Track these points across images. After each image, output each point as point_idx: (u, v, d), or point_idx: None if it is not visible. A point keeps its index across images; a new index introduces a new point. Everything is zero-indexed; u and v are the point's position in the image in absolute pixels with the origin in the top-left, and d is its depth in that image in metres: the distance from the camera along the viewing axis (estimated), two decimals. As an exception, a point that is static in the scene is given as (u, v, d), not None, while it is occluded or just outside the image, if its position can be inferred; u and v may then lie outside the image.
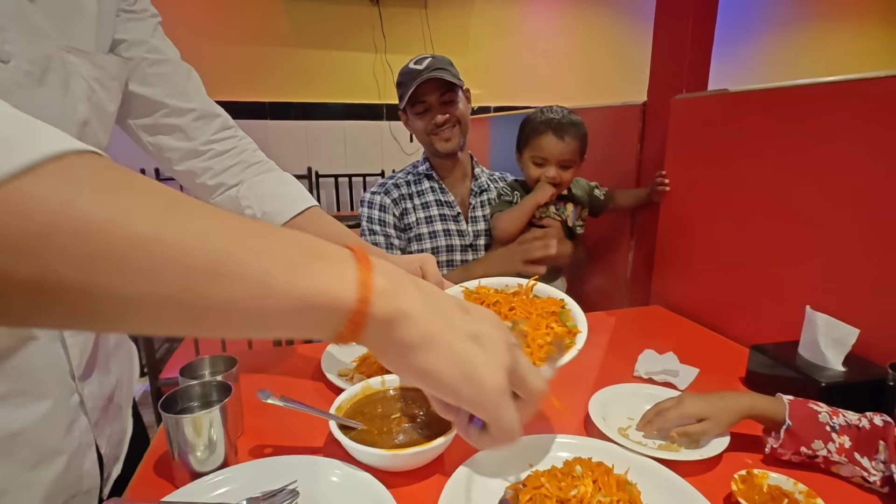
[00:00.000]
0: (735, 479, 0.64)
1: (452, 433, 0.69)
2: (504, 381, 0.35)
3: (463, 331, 0.34)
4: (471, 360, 0.33)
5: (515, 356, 0.37)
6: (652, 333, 1.20)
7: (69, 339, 0.55)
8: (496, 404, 0.34)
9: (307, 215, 0.76)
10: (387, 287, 0.31)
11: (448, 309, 0.35)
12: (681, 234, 1.35)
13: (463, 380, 0.33)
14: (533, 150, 1.31)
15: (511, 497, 0.63)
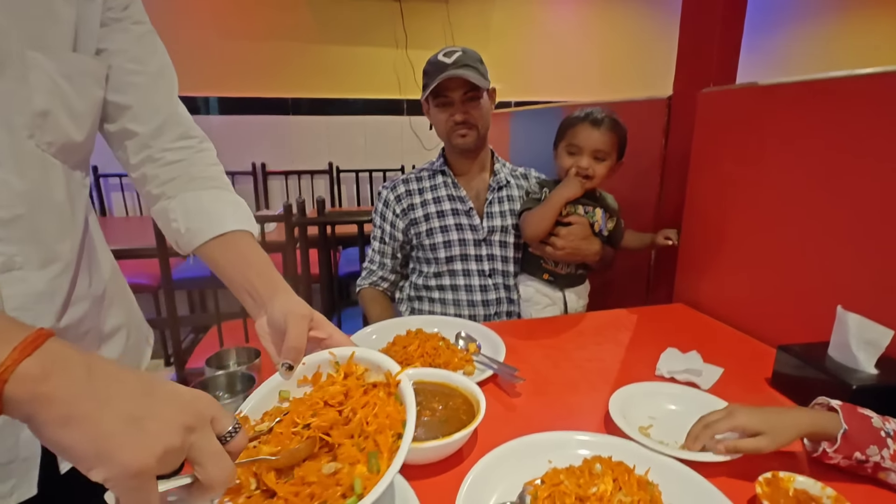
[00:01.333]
0: (760, 481, 0.63)
1: (472, 427, 0.69)
2: (144, 463, 0.35)
3: (122, 412, 0.36)
4: (109, 440, 0.35)
5: (195, 441, 0.38)
6: (674, 332, 1.18)
7: (11, 311, 0.54)
8: (126, 485, 0.35)
9: (230, 240, 0.69)
10: (35, 371, 0.34)
11: (115, 391, 0.37)
12: (706, 231, 1.32)
13: (94, 457, 0.34)
14: (568, 140, 1.28)
15: (529, 493, 0.63)
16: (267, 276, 0.68)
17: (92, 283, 0.68)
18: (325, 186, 3.45)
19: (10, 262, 0.55)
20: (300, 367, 0.61)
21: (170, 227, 0.71)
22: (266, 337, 0.66)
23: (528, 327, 1.22)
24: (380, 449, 0.52)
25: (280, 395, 0.61)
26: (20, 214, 0.55)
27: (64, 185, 0.60)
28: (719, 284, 1.29)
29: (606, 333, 1.17)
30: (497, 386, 0.92)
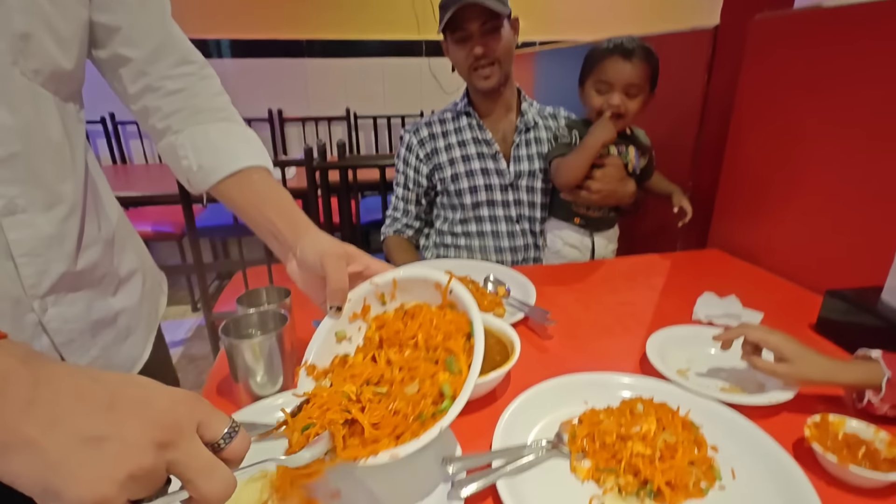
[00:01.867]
0: (808, 424, 0.60)
1: (508, 366, 0.68)
2: (103, 493, 0.29)
3: (74, 434, 0.29)
4: (60, 468, 0.29)
5: (174, 456, 0.32)
6: (710, 277, 1.14)
7: (19, 258, 0.53)
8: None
9: (246, 177, 0.66)
10: None
11: (63, 409, 0.30)
12: (749, 172, 1.25)
13: (41, 493, 0.29)
14: (596, 76, 1.18)
15: (567, 432, 0.62)
16: (288, 215, 0.65)
17: (101, 227, 0.66)
18: (342, 133, 3.38)
19: (12, 205, 0.52)
20: (347, 304, 0.60)
21: (180, 165, 0.67)
22: (299, 280, 0.64)
23: (558, 272, 1.19)
24: (454, 352, 0.53)
25: (337, 336, 0.61)
26: (16, 152, 0.51)
27: (59, 119, 0.56)
28: (760, 229, 1.23)
29: (639, 278, 1.14)
30: (528, 329, 0.91)
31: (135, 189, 2.25)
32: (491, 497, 0.54)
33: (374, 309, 0.63)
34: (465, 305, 0.58)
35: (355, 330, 0.62)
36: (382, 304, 0.64)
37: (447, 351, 0.55)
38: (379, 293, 0.63)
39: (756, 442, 0.60)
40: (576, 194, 1.22)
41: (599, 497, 0.54)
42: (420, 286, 0.62)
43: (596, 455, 0.58)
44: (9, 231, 0.51)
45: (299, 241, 0.62)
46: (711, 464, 0.57)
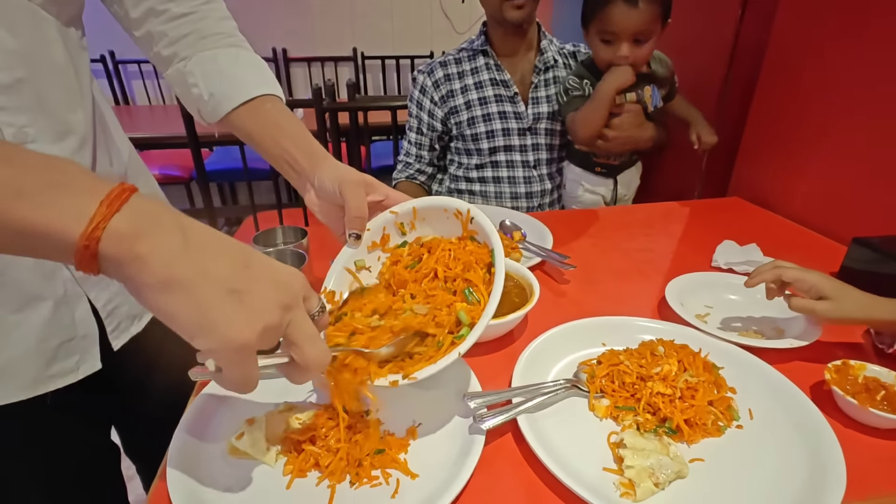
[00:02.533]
0: (829, 367, 0.61)
1: (528, 307, 0.67)
2: (247, 339, 0.34)
3: (222, 283, 0.34)
4: (212, 311, 0.33)
5: (292, 319, 0.37)
6: (731, 225, 1.11)
7: None
8: (228, 359, 0.35)
9: (259, 106, 0.64)
10: (126, 229, 0.31)
11: (213, 260, 0.34)
12: (778, 117, 1.19)
13: (197, 328, 0.33)
14: (600, 24, 1.08)
15: (585, 372, 0.62)
16: (305, 144, 0.63)
17: (113, 161, 0.65)
18: (349, 74, 3.26)
19: (22, 135, 0.51)
20: (367, 233, 0.61)
21: (190, 94, 0.65)
22: (318, 210, 0.63)
23: (575, 217, 1.17)
24: (473, 283, 0.54)
25: (356, 265, 0.62)
26: (21, 78, 0.50)
27: (61, 44, 0.54)
28: (784, 177, 1.19)
29: (657, 225, 1.12)
30: (545, 273, 0.90)
31: (139, 131, 2.20)
32: (510, 432, 0.56)
33: (394, 238, 0.63)
34: (485, 233, 0.57)
35: (374, 259, 0.62)
36: (402, 234, 0.63)
37: (466, 282, 0.55)
38: (398, 222, 0.63)
39: (774, 384, 0.61)
40: (593, 146, 1.17)
41: (618, 433, 0.55)
42: (440, 215, 0.61)
43: (615, 394, 0.58)
44: None
45: (317, 171, 0.61)
46: (730, 404, 0.57)
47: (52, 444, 0.65)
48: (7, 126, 0.50)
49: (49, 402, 0.60)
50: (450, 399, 0.58)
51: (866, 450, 0.54)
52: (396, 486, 0.48)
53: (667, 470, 0.49)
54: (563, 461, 0.50)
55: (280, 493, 0.48)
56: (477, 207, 0.59)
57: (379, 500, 0.47)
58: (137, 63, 2.97)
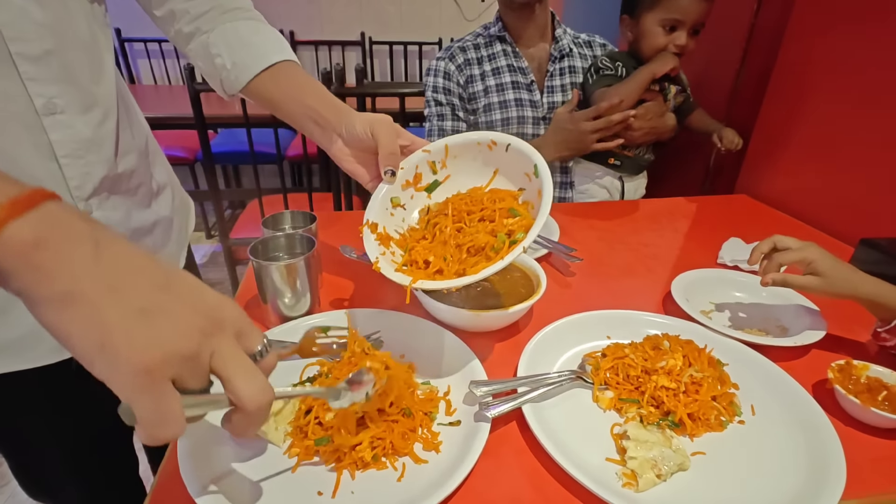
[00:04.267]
0: (832, 367, 0.61)
1: (534, 299, 0.68)
2: (151, 361, 0.29)
3: (131, 302, 0.30)
4: (114, 331, 0.29)
5: (216, 349, 0.32)
6: (737, 222, 1.11)
7: (62, 159, 0.55)
8: (132, 387, 0.29)
9: (280, 70, 0.67)
10: (25, 236, 0.28)
11: (125, 278, 0.30)
12: (788, 117, 1.19)
13: (96, 350, 0.29)
14: (666, 10, 1.08)
15: (590, 363, 0.63)
16: (328, 100, 0.67)
17: (134, 135, 0.68)
18: (357, 59, 3.23)
19: (51, 105, 0.54)
20: (399, 171, 0.64)
21: (213, 64, 0.68)
22: (347, 158, 0.67)
23: (582, 210, 1.17)
24: (513, 206, 0.58)
25: (392, 202, 0.65)
26: (50, 50, 0.53)
27: (85, 18, 0.58)
28: (793, 176, 1.19)
29: (663, 220, 1.12)
30: (551, 265, 0.90)
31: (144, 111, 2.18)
32: (515, 420, 0.56)
33: (426, 177, 0.67)
34: (526, 153, 0.61)
35: (408, 198, 0.67)
36: (434, 173, 0.67)
37: (504, 211, 0.59)
38: (430, 161, 0.66)
39: (777, 381, 0.61)
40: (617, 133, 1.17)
41: (621, 425, 0.55)
42: (472, 150, 0.65)
43: (619, 386, 0.59)
44: (50, 131, 0.54)
45: (344, 120, 0.65)
46: (732, 399, 0.58)
47: (76, 410, 0.68)
48: (38, 97, 0.52)
49: (74, 367, 0.62)
50: (455, 388, 0.59)
51: (867, 449, 0.54)
52: (402, 470, 0.49)
53: (669, 462, 0.50)
54: (567, 450, 0.50)
55: (286, 475, 0.49)
56: (513, 137, 0.63)
57: (385, 484, 0.48)
58: (143, 42, 2.94)
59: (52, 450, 0.71)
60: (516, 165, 0.64)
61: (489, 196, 0.62)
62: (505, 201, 0.60)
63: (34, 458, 0.72)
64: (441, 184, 0.68)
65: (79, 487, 0.77)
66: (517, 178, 0.64)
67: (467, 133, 0.66)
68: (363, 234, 0.62)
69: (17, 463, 0.73)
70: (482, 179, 0.67)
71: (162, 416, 0.31)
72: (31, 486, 0.76)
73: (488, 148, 0.64)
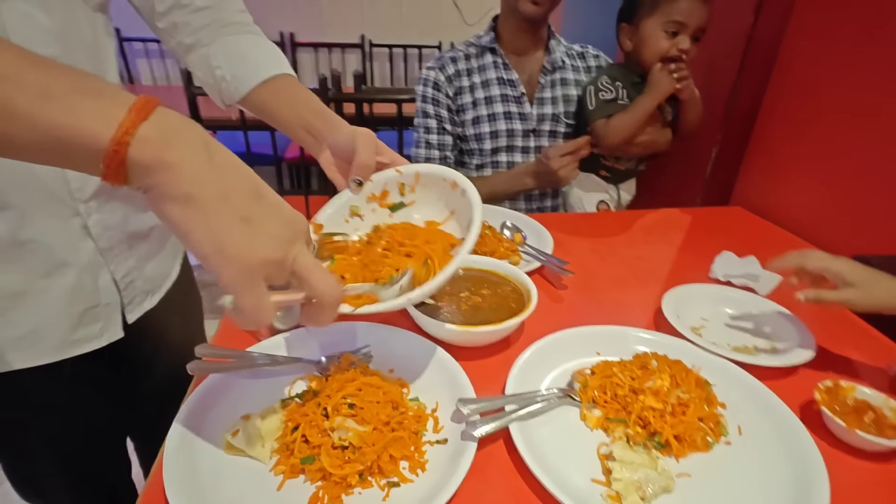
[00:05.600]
0: (819, 388, 0.61)
1: (525, 315, 0.68)
2: (255, 263, 0.36)
3: (238, 209, 0.35)
4: (225, 233, 0.34)
5: (297, 254, 0.38)
6: (731, 235, 1.11)
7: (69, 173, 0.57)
8: (238, 282, 0.35)
9: (277, 83, 0.69)
10: (155, 136, 0.32)
11: (232, 185, 0.35)
12: (786, 129, 1.19)
13: (210, 247, 0.34)
14: (667, 14, 1.07)
15: (579, 381, 0.63)
16: (322, 112, 0.69)
17: None
18: (356, 62, 3.24)
19: None
20: (368, 184, 0.65)
21: (213, 76, 0.69)
22: (331, 167, 0.68)
23: (575, 221, 1.18)
24: (431, 257, 0.57)
25: (351, 210, 0.66)
26: (55, 55, 0.52)
27: (89, 25, 0.59)
28: (788, 190, 1.19)
29: (657, 232, 1.12)
30: (543, 278, 0.91)
31: (144, 111, 2.19)
32: (502, 439, 0.56)
33: (392, 196, 0.68)
34: (471, 202, 0.60)
35: (369, 211, 0.67)
36: (401, 195, 0.68)
37: (426, 254, 0.59)
38: (400, 182, 0.67)
39: (764, 401, 0.61)
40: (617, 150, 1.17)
41: (607, 445, 0.55)
42: (439, 184, 0.65)
43: (607, 405, 0.59)
44: None
45: (332, 132, 0.67)
46: (719, 420, 0.58)
47: (68, 412, 0.70)
48: None
49: (67, 371, 0.65)
50: (443, 404, 0.59)
51: (852, 472, 0.55)
52: (388, 490, 0.49)
53: (654, 484, 0.50)
54: (553, 471, 0.50)
55: (271, 492, 0.49)
56: (469, 182, 0.62)
57: (370, 503, 0.48)
58: (143, 41, 2.94)
59: (44, 452, 0.72)
60: (463, 212, 0.63)
61: (424, 235, 0.62)
62: (435, 245, 0.59)
63: (26, 459, 0.73)
64: (405, 206, 0.67)
65: (70, 489, 0.78)
66: (462, 223, 0.63)
67: (438, 167, 0.66)
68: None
69: (9, 464, 0.74)
70: (440, 215, 0.66)
71: (258, 307, 0.37)
72: (23, 486, 0.77)
73: (451, 188, 0.64)
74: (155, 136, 0.32)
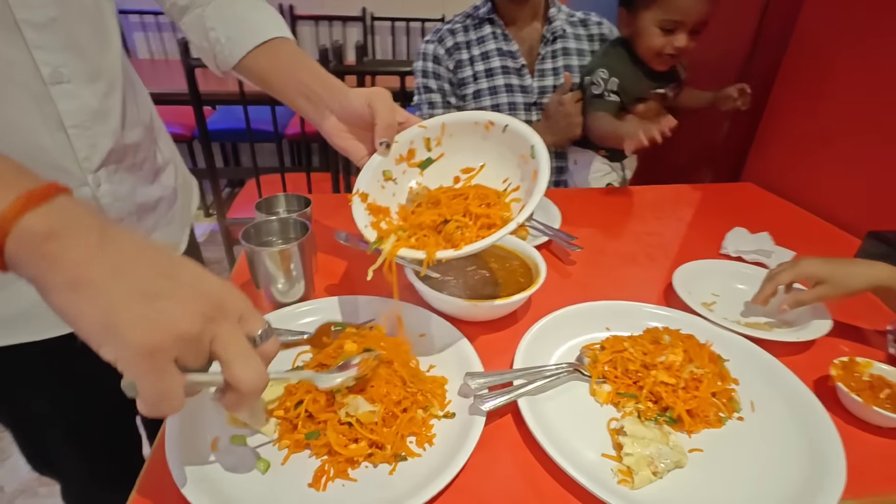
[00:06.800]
0: (835, 364, 0.60)
1: (533, 289, 0.66)
2: (156, 343, 0.31)
3: (135, 286, 0.31)
4: (119, 312, 0.30)
5: (217, 334, 0.34)
6: (742, 211, 1.09)
7: (70, 129, 0.55)
8: (137, 367, 0.31)
9: (275, 47, 0.66)
10: (38, 228, 0.30)
11: (129, 262, 0.32)
12: (801, 103, 1.15)
13: (102, 330, 0.31)
14: (664, 11, 1.02)
15: (588, 356, 0.62)
16: (321, 76, 0.66)
17: (139, 109, 0.68)
18: (357, 35, 3.15)
19: (58, 74, 0.53)
20: (394, 145, 0.63)
21: (207, 38, 0.67)
22: (341, 134, 0.66)
23: (583, 196, 1.15)
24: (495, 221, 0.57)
25: (384, 175, 0.64)
26: (54, 17, 0.52)
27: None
28: (801, 165, 1.16)
29: (666, 208, 1.10)
30: (551, 253, 0.89)
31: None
32: (511, 413, 0.55)
33: (419, 153, 0.66)
34: (523, 135, 0.60)
35: (400, 172, 0.65)
36: (428, 150, 0.66)
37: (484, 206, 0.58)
38: (426, 137, 0.65)
39: (777, 377, 0.60)
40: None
41: (618, 420, 0.54)
42: (469, 130, 0.65)
43: (617, 380, 0.58)
44: (58, 101, 0.53)
45: (337, 96, 0.64)
46: (731, 395, 0.57)
47: (79, 385, 0.69)
48: (44, 65, 0.52)
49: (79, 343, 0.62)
50: (450, 379, 0.57)
51: (868, 447, 0.54)
52: (395, 464, 0.48)
53: (666, 459, 0.49)
54: (562, 445, 0.49)
55: (276, 466, 0.48)
56: (513, 118, 0.62)
57: (377, 477, 0.47)
58: (139, 13, 2.87)
59: (55, 424, 0.72)
60: (512, 147, 0.62)
61: (474, 192, 0.61)
62: (489, 198, 0.59)
63: (37, 431, 0.73)
64: (434, 161, 0.66)
65: (81, 462, 0.78)
66: (510, 161, 0.63)
67: (466, 112, 0.64)
68: (352, 204, 0.61)
69: (21, 436, 0.75)
70: (475, 160, 0.65)
71: (163, 393, 0.32)
72: (34, 459, 0.78)
73: (485, 128, 0.63)
74: (40, 227, 0.30)
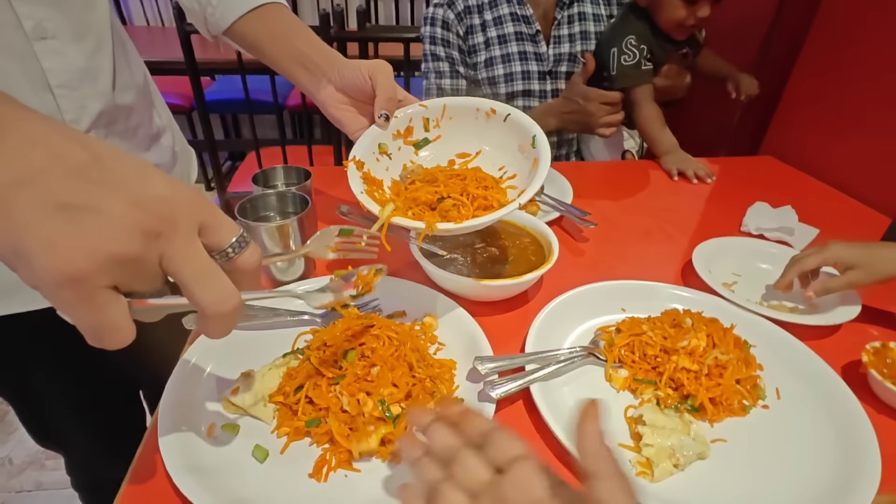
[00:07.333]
0: (867, 349, 0.56)
1: (546, 268, 0.63)
2: (78, 269, 0.25)
3: (46, 197, 0.24)
4: (28, 232, 0.24)
5: (165, 251, 0.27)
6: (762, 186, 1.04)
7: (56, 89, 0.52)
8: (59, 297, 0.25)
9: (268, 12, 0.64)
10: None
11: (38, 164, 0.25)
12: (826, 73, 1.09)
13: (13, 254, 0.25)
14: None
15: (603, 339, 0.58)
16: (317, 44, 0.63)
17: (132, 71, 0.65)
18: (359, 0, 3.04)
19: (41, 29, 0.50)
20: (393, 119, 0.62)
21: (199, 1, 0.63)
22: (337, 105, 0.63)
23: (596, 170, 1.10)
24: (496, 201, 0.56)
25: (379, 148, 0.63)
26: None
27: None
28: (826, 139, 1.10)
29: (683, 183, 1.05)
30: (563, 229, 0.85)
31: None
32: (522, 400, 0.52)
33: (417, 132, 0.65)
34: (525, 125, 0.60)
35: (395, 148, 0.64)
36: (426, 130, 0.65)
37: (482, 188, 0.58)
38: (425, 116, 0.64)
39: (804, 363, 0.57)
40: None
41: (636, 407, 0.51)
42: (469, 116, 0.64)
43: (635, 365, 0.55)
44: (42, 59, 0.51)
45: (335, 66, 0.61)
46: (756, 382, 0.54)
47: (79, 358, 0.68)
48: (26, 18, 0.49)
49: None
50: (460, 362, 0.54)
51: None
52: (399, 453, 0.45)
53: (688, 451, 0.46)
54: (577, 435, 0.46)
55: (274, 454, 0.45)
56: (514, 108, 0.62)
57: (381, 467, 0.45)
58: (133, -22, 2.76)
59: (58, 398, 0.71)
60: (512, 136, 0.62)
61: (472, 174, 0.60)
62: (487, 182, 0.59)
63: (37, 404, 0.72)
64: (430, 143, 0.65)
65: (83, 435, 0.78)
66: (508, 149, 0.62)
67: (468, 97, 0.64)
68: (348, 170, 0.59)
69: (24, 410, 0.74)
70: (472, 146, 0.64)
71: (102, 326, 0.27)
72: (38, 433, 0.77)
73: (486, 116, 0.63)
74: None
